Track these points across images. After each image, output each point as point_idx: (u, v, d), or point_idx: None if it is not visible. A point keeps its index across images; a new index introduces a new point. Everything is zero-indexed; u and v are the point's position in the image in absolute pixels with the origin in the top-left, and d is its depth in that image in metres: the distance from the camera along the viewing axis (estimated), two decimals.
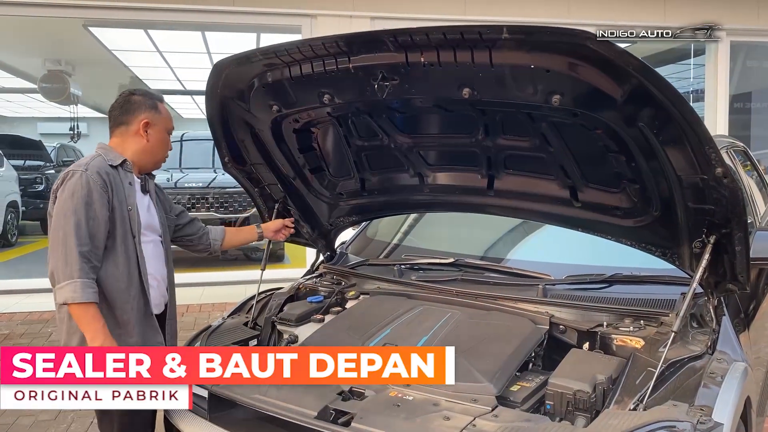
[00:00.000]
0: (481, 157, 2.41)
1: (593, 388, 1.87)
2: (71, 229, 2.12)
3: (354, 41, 2.01)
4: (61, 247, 2.12)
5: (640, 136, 1.87)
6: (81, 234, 2.13)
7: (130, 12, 6.78)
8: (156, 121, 2.40)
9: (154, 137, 2.40)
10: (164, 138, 2.45)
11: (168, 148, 2.50)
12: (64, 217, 2.15)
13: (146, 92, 2.45)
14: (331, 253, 3.19)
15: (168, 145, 2.49)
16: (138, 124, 2.36)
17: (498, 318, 2.34)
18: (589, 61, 1.72)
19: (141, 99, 2.41)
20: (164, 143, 2.46)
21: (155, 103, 2.42)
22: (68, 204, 2.16)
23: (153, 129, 2.39)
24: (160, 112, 2.42)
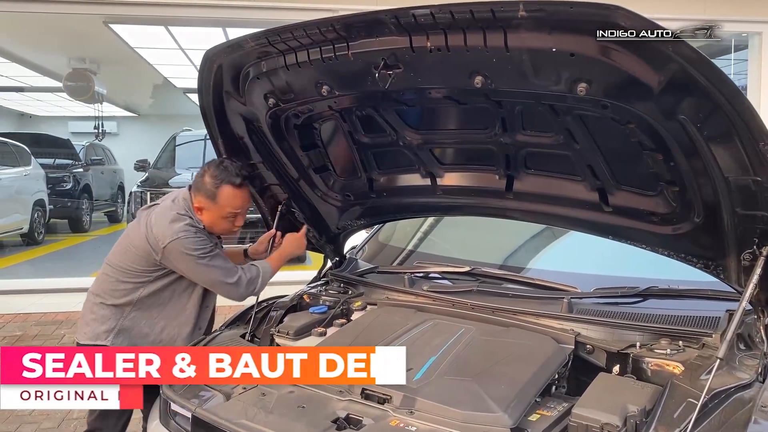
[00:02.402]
0: (499, 156, 2.19)
1: (624, 420, 1.62)
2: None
3: (352, 24, 1.82)
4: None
5: (681, 130, 1.63)
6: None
7: (149, 8, 6.73)
8: (209, 207, 2.46)
9: (206, 220, 2.49)
10: (215, 222, 2.49)
11: (225, 230, 2.56)
12: None
13: (219, 171, 2.44)
14: (339, 259, 2.99)
15: (223, 226, 2.52)
16: (194, 202, 2.48)
17: (517, 335, 2.11)
18: (622, 42, 1.48)
19: (208, 181, 2.45)
20: (214, 225, 2.51)
21: (214, 192, 2.43)
22: None
23: (205, 213, 2.48)
24: (215, 201, 2.44)
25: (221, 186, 2.41)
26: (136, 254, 2.45)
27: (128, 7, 6.70)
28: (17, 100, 17.24)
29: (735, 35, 7.98)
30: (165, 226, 2.40)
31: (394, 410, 1.78)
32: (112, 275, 2.51)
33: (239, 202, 2.47)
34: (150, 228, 2.42)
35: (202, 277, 2.48)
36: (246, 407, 1.87)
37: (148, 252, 2.42)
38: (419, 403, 1.78)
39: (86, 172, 12.75)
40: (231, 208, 2.46)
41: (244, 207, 2.52)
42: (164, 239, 2.38)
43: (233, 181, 2.42)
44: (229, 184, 2.42)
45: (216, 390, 1.98)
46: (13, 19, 7.85)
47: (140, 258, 2.45)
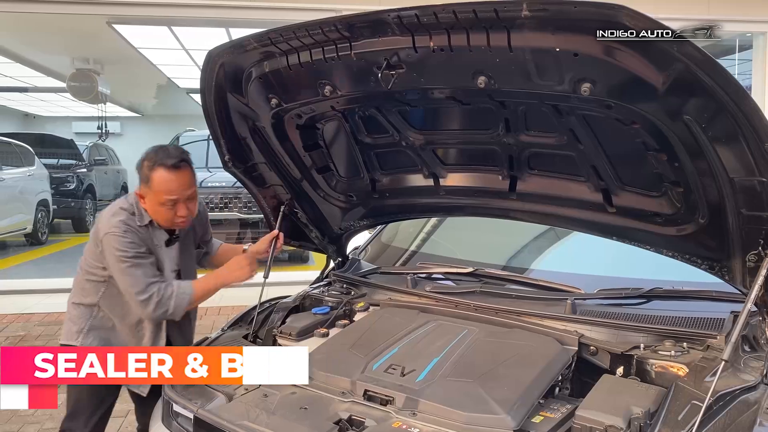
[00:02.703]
0: (502, 156, 2.17)
1: (628, 423, 1.61)
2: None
3: (355, 24, 1.80)
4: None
5: (686, 131, 1.61)
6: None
7: (152, 8, 6.73)
8: (147, 193, 2.35)
9: (148, 207, 2.38)
10: (155, 209, 2.36)
11: (166, 219, 2.39)
12: None
13: (155, 156, 2.33)
14: (342, 259, 2.98)
15: (163, 215, 2.37)
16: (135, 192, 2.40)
17: (520, 337, 2.10)
18: (626, 41, 1.46)
19: (144, 166, 2.34)
20: (156, 214, 2.38)
21: (149, 175, 2.31)
22: None
23: (146, 201, 2.37)
24: (150, 187, 2.32)
25: (154, 168, 2.30)
26: (90, 250, 2.42)
27: (131, 8, 6.69)
28: (21, 101, 17.29)
29: (739, 35, 7.95)
30: (106, 218, 2.35)
31: (396, 412, 1.77)
32: (80, 274, 2.49)
33: (173, 186, 2.31)
34: (97, 221, 2.43)
35: (119, 281, 2.34)
36: (248, 408, 1.86)
37: (95, 246, 2.38)
38: (422, 404, 1.77)
39: (90, 173, 12.80)
40: (165, 193, 2.30)
41: (182, 193, 2.34)
42: (101, 232, 2.33)
43: (165, 163, 2.29)
44: (161, 166, 2.29)
45: (218, 391, 1.97)
46: (16, 20, 7.87)
47: (93, 254, 2.40)
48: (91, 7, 6.64)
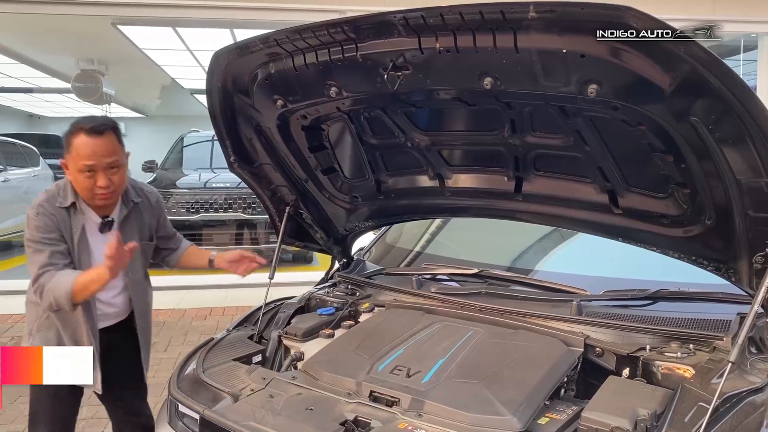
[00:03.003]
0: (508, 157, 2.17)
1: (634, 424, 1.60)
2: None
3: (360, 25, 1.80)
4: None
5: (692, 132, 1.60)
6: None
7: (157, 9, 6.72)
8: (68, 160, 2.26)
9: (71, 177, 2.28)
10: (76, 178, 2.25)
11: (86, 189, 2.26)
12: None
13: (76, 123, 2.24)
14: (347, 260, 2.98)
15: (83, 183, 2.25)
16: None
17: (525, 338, 2.09)
18: (632, 44, 1.46)
19: (66, 136, 2.25)
20: (77, 183, 2.26)
21: (69, 140, 2.23)
22: None
23: (69, 170, 2.27)
24: (70, 152, 2.23)
25: (75, 133, 2.21)
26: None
27: (136, 9, 6.70)
28: (25, 101, 17.32)
29: (744, 36, 7.92)
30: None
31: (402, 413, 1.76)
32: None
33: (90, 151, 2.20)
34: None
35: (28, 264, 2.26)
36: (254, 409, 1.85)
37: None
38: (427, 405, 1.77)
39: None
40: (83, 158, 2.19)
41: (101, 160, 2.22)
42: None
43: (85, 127, 2.20)
44: (81, 130, 2.20)
45: (224, 392, 1.97)
46: (21, 21, 7.88)
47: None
48: (96, 8, 6.65)
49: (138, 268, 2.53)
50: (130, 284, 2.50)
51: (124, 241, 2.26)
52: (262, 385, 2.00)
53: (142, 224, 2.52)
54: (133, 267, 2.46)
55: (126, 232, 2.41)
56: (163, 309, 6.18)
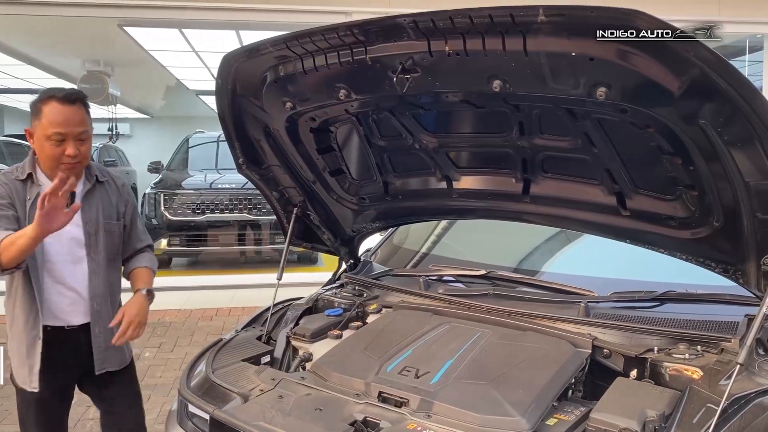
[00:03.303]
0: (516, 159, 2.17)
1: (642, 425, 1.61)
2: None
3: (370, 28, 1.80)
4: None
5: (701, 135, 1.61)
6: None
7: (163, 11, 6.77)
8: (36, 127, 2.22)
9: (36, 145, 2.25)
10: (42, 146, 2.21)
11: (52, 157, 2.22)
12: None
13: (48, 91, 2.23)
14: (354, 262, 2.99)
15: (49, 151, 2.21)
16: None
17: (533, 339, 2.10)
18: (641, 47, 1.47)
19: (36, 103, 2.22)
20: (42, 151, 2.23)
21: (39, 106, 2.20)
22: None
23: (35, 137, 2.23)
24: (39, 118, 2.19)
25: (45, 101, 2.19)
26: None
27: (143, 10, 6.74)
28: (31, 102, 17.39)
29: (749, 37, 7.91)
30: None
31: (411, 414, 1.77)
32: None
33: (62, 118, 2.18)
34: None
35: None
36: (263, 409, 1.87)
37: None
38: (436, 406, 1.78)
39: None
40: (54, 125, 2.17)
41: (72, 129, 2.20)
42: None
43: (57, 95, 2.19)
44: (53, 98, 2.19)
45: (234, 392, 1.99)
46: (28, 23, 7.93)
47: None
48: (103, 9, 6.69)
49: (100, 249, 2.39)
50: (89, 266, 2.37)
51: (87, 217, 2.33)
52: (271, 386, 2.01)
53: (107, 204, 2.44)
54: (95, 247, 2.38)
55: (87, 207, 2.36)
56: (169, 309, 6.21)
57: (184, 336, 5.63)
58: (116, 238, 2.45)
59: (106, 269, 2.40)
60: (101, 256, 2.39)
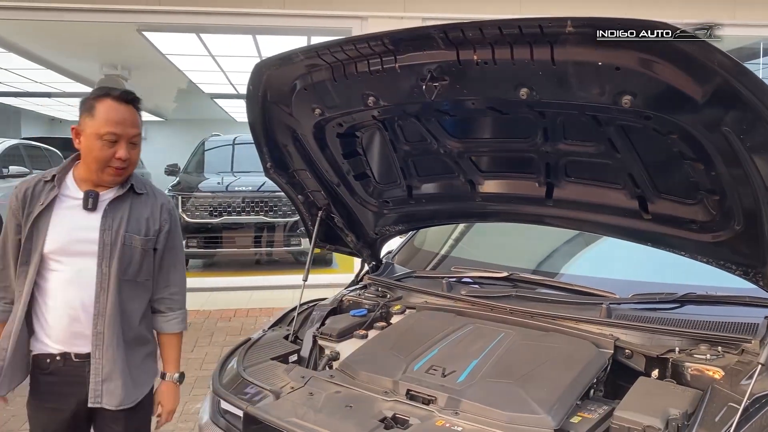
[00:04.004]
0: (540, 164, 2.21)
1: (665, 423, 1.65)
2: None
3: (401, 39, 1.85)
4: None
5: (723, 141, 1.65)
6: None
7: (183, 16, 6.86)
8: (88, 124, 2.07)
9: (83, 144, 2.10)
10: (91, 145, 2.07)
11: (100, 159, 2.08)
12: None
13: (104, 89, 2.11)
14: (376, 263, 3.05)
15: (99, 152, 2.07)
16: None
17: (557, 340, 2.15)
18: (666, 56, 1.52)
19: (87, 99, 2.10)
20: (90, 152, 2.08)
21: (93, 104, 2.07)
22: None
23: (83, 136, 2.09)
24: (93, 116, 2.06)
25: (101, 98, 2.07)
26: None
27: (163, 15, 6.83)
28: (48, 105, 17.61)
29: (764, 40, 7.89)
30: None
31: (438, 411, 1.82)
32: None
33: (119, 117, 2.06)
34: None
35: None
36: (295, 406, 1.92)
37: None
38: (463, 404, 1.83)
39: None
40: (108, 125, 2.04)
41: (127, 130, 2.08)
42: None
43: (113, 93, 2.08)
44: (109, 96, 2.07)
45: (265, 389, 2.05)
46: (48, 27, 8.05)
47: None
48: (123, 15, 6.80)
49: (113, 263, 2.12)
50: (97, 278, 2.11)
51: (110, 226, 2.11)
52: (301, 384, 2.06)
53: (136, 217, 2.19)
54: (107, 259, 2.12)
55: (111, 213, 2.14)
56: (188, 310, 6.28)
57: (203, 336, 5.70)
58: (137, 256, 2.17)
59: (118, 288, 2.11)
60: (113, 271, 2.11)
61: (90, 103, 2.07)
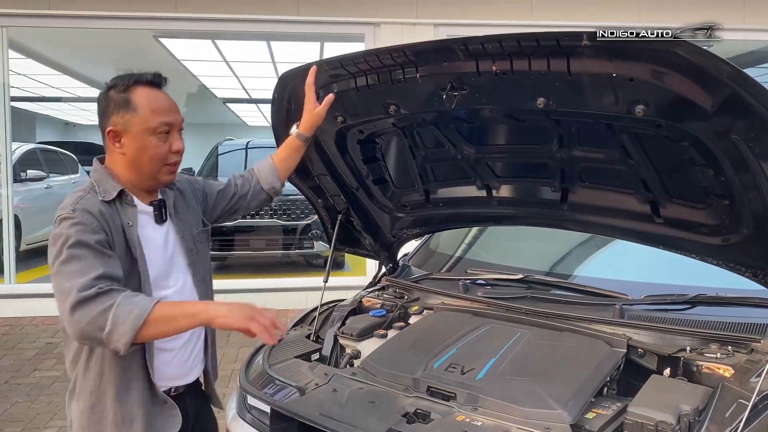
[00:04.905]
0: (555, 169, 2.29)
1: (677, 419, 1.72)
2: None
3: (422, 50, 1.94)
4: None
5: (732, 148, 1.72)
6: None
7: (199, 23, 6.99)
8: (129, 122, 1.73)
9: (131, 146, 1.75)
10: (144, 144, 1.74)
11: (158, 158, 1.77)
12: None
13: (122, 79, 1.77)
14: (393, 266, 3.13)
15: (155, 149, 1.76)
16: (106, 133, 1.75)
17: (571, 339, 2.22)
18: (677, 68, 1.59)
19: (112, 95, 1.75)
20: (143, 152, 1.75)
21: (126, 97, 1.73)
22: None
23: (128, 136, 1.74)
24: (134, 110, 1.72)
25: (132, 88, 1.74)
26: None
27: (179, 23, 6.96)
28: (63, 110, 17.82)
29: None
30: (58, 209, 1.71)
31: (459, 406, 1.90)
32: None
33: (165, 104, 1.78)
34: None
35: (53, 288, 1.63)
36: (321, 401, 2.00)
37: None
38: (482, 400, 1.90)
39: None
40: (160, 115, 1.74)
41: (176, 117, 1.80)
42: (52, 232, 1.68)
43: (144, 79, 1.76)
44: (140, 82, 1.76)
45: (291, 385, 2.13)
46: (65, 33, 8.19)
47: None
48: (141, 22, 6.94)
49: (199, 268, 2.00)
50: (197, 290, 1.98)
51: (184, 231, 1.93)
52: (324, 380, 2.15)
53: (193, 210, 2.04)
54: (197, 265, 1.98)
55: (182, 219, 1.95)
56: None
57: (221, 336, 5.75)
58: (208, 247, 2.06)
59: (209, 286, 2.01)
60: (205, 276, 2.00)
61: (121, 98, 1.74)
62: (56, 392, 4.56)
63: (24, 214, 8.31)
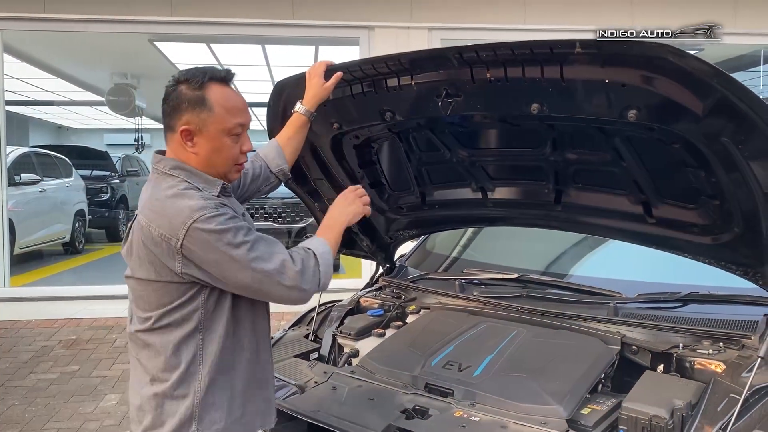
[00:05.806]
0: (549, 171, 2.33)
1: (671, 413, 1.77)
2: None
3: (417, 59, 1.98)
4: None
5: (722, 150, 1.76)
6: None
7: (194, 27, 7.01)
8: (203, 122, 1.64)
9: (206, 146, 1.67)
10: (220, 144, 1.67)
11: (231, 158, 1.71)
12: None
13: (195, 74, 1.66)
14: (390, 266, 3.17)
15: (229, 150, 1.69)
16: (178, 131, 1.65)
17: (566, 337, 2.27)
18: (669, 74, 1.64)
19: (185, 91, 1.65)
20: (219, 151, 1.68)
21: (201, 95, 1.63)
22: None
23: (203, 136, 1.66)
24: (210, 108, 1.63)
25: (207, 85, 1.65)
26: (151, 284, 1.63)
27: (175, 26, 6.98)
28: (56, 113, 17.76)
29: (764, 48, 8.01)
30: (171, 214, 1.57)
31: (456, 403, 1.95)
32: (142, 337, 1.68)
33: (241, 104, 1.70)
34: (148, 230, 1.59)
35: (238, 282, 1.58)
36: (320, 399, 2.05)
37: (165, 264, 1.59)
38: (480, 396, 1.96)
39: (122, 183, 13.12)
40: (236, 115, 1.67)
41: (249, 118, 1.73)
42: (177, 232, 1.54)
43: (217, 76, 1.68)
44: (214, 80, 1.67)
45: (291, 384, 2.17)
46: (60, 37, 8.21)
47: (160, 287, 1.62)
48: (136, 26, 6.96)
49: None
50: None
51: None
52: (324, 379, 2.19)
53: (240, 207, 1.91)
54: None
55: (246, 217, 1.86)
56: None
57: None
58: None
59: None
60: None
61: (196, 95, 1.64)
62: (53, 395, 4.57)
63: (18, 218, 8.31)
